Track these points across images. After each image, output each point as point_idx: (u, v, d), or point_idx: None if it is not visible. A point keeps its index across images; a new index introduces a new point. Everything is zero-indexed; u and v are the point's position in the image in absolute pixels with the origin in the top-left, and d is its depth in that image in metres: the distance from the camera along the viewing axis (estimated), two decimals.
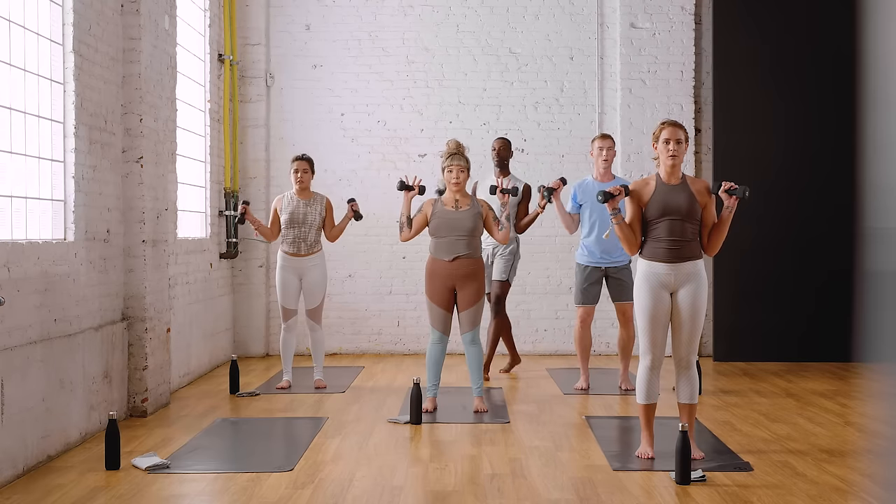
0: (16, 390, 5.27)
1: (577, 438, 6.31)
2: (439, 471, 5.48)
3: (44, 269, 5.72)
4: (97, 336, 6.39)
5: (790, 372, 9.10)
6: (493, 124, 10.45)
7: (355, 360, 10.02)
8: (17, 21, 5.81)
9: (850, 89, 9.18)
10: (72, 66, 6.25)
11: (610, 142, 7.94)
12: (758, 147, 9.86)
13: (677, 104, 10.25)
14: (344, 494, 5.01)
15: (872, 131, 3.10)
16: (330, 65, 10.43)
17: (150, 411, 7.01)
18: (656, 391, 5.65)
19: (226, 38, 9.87)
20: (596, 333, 9.98)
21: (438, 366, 7.14)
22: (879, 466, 5.46)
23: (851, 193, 9.27)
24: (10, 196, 5.70)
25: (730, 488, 5.09)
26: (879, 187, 3.08)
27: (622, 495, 4.99)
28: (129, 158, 7.02)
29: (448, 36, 10.45)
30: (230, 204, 9.85)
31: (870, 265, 3.18)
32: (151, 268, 7.12)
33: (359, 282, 10.31)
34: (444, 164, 7.09)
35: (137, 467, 5.50)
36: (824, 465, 5.55)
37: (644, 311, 5.55)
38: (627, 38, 10.27)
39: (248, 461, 5.70)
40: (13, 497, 4.96)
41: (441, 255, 7.04)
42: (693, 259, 5.55)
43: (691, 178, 5.65)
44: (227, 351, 9.85)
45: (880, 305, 2.98)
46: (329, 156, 10.33)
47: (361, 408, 7.34)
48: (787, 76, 9.88)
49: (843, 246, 9.39)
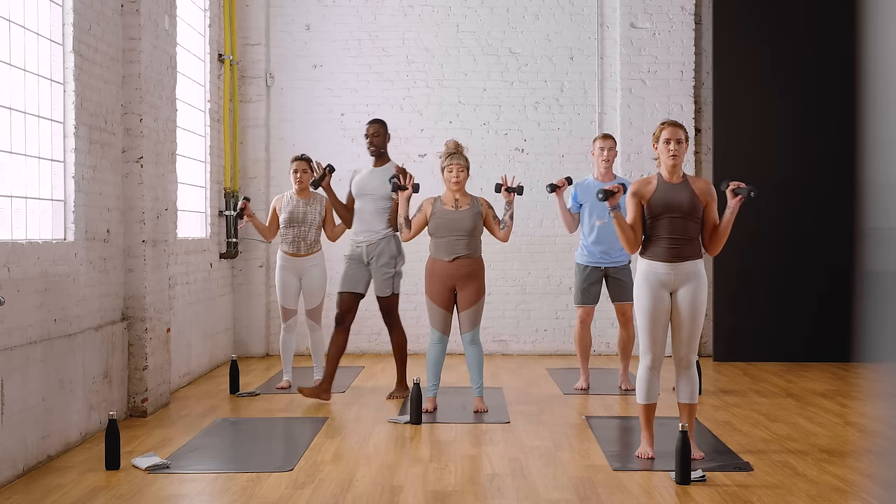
0: (16, 390, 5.27)
1: (577, 438, 6.31)
2: (439, 471, 5.48)
3: (44, 269, 5.72)
4: (97, 336, 6.39)
5: (790, 372, 9.10)
6: (493, 124, 10.45)
7: (355, 360, 10.02)
8: (17, 21, 5.81)
9: (850, 89, 9.18)
10: (72, 66, 6.25)
11: (611, 142, 7.94)
12: (758, 147, 9.86)
13: (677, 104, 10.25)
14: (344, 494, 5.01)
15: (872, 131, 3.10)
16: (330, 65, 10.43)
17: (150, 411, 7.01)
18: (656, 391, 5.65)
19: (226, 38, 9.87)
20: (596, 333, 9.98)
21: (438, 366, 7.14)
22: (879, 466, 5.46)
23: (851, 193, 9.27)
24: (10, 196, 5.70)
25: (730, 488, 5.09)
26: (879, 187, 3.08)
27: (622, 495, 4.99)
28: (129, 158, 7.02)
29: (448, 36, 10.45)
30: (230, 204, 9.85)
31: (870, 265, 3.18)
32: (151, 268, 7.12)
33: None
34: (443, 164, 7.09)
35: (137, 467, 5.50)
36: (824, 465, 5.55)
37: (644, 310, 5.55)
38: (627, 38, 10.27)
39: (248, 461, 5.70)
40: (13, 497, 4.96)
41: (441, 255, 7.04)
42: (693, 258, 5.55)
43: (692, 177, 5.65)
44: (227, 351, 9.85)
45: (880, 305, 2.98)
46: (329, 156, 10.31)
47: (361, 408, 7.34)
48: (787, 76, 9.88)
49: (844, 246, 9.39)
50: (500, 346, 10.43)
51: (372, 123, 7.73)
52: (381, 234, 7.55)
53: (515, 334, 10.45)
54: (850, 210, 9.24)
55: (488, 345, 10.24)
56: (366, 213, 7.58)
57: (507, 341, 10.43)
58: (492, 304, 9.87)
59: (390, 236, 7.58)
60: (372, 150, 7.67)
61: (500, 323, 10.40)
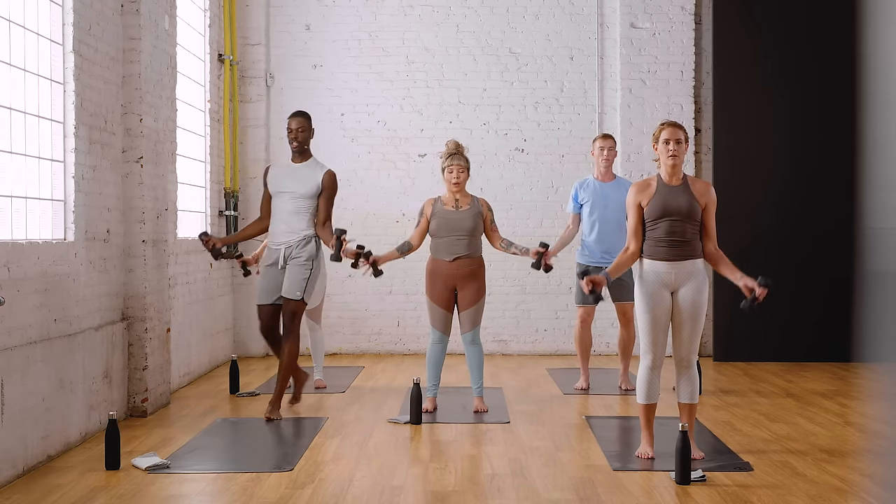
0: (16, 390, 5.27)
1: (577, 438, 6.31)
2: (439, 471, 5.48)
3: (44, 269, 5.72)
4: (97, 336, 6.39)
5: (790, 372, 9.10)
6: (493, 124, 10.45)
7: (355, 360, 10.02)
8: (17, 21, 5.81)
9: (850, 89, 9.18)
10: (72, 66, 6.24)
11: (611, 141, 7.94)
12: (758, 147, 9.87)
13: (677, 104, 10.25)
14: (344, 494, 5.01)
15: (872, 131, 3.10)
16: (330, 65, 10.43)
17: (150, 411, 7.01)
18: (657, 391, 5.65)
19: (226, 38, 9.87)
20: (596, 333, 9.97)
21: (439, 366, 7.14)
22: (879, 466, 5.46)
23: (851, 193, 9.26)
24: (10, 196, 5.69)
25: (730, 488, 5.09)
26: (879, 187, 3.08)
27: (622, 495, 4.99)
28: (129, 158, 7.02)
29: (448, 36, 10.45)
30: (230, 204, 9.85)
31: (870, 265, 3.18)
32: (151, 268, 7.12)
33: (359, 282, 10.29)
34: (443, 165, 7.09)
35: (137, 467, 5.50)
36: (824, 465, 5.55)
37: (645, 310, 5.55)
38: (627, 38, 10.27)
39: (248, 461, 5.70)
40: (13, 497, 4.96)
41: (441, 256, 7.05)
42: (693, 258, 5.56)
43: (692, 178, 5.65)
44: (227, 351, 9.85)
45: (880, 305, 2.98)
46: (329, 156, 10.32)
47: (361, 408, 7.34)
48: (787, 76, 9.88)
49: (844, 246, 9.39)
50: (500, 346, 10.43)
51: (296, 117, 6.99)
52: (301, 234, 6.87)
53: (515, 334, 10.45)
54: (850, 210, 9.24)
55: (488, 345, 10.24)
56: (284, 212, 6.89)
57: (507, 341, 10.43)
58: (492, 304, 9.87)
59: (312, 237, 6.89)
60: (295, 147, 6.97)
61: (500, 323, 10.40)
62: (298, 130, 6.96)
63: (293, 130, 6.96)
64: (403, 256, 7.21)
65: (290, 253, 6.85)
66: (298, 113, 7.03)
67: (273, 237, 6.97)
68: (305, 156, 7.02)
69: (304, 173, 6.94)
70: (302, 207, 6.89)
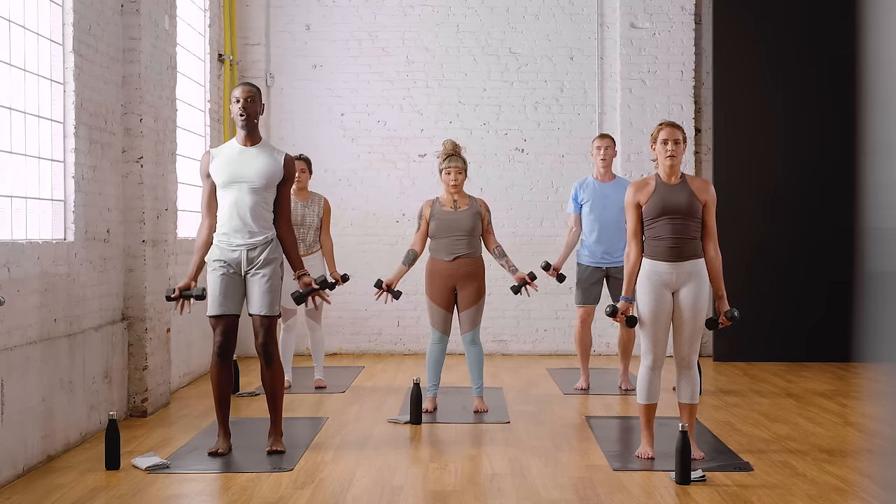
0: (16, 390, 5.27)
1: (577, 438, 6.31)
2: (439, 471, 5.48)
3: (44, 269, 5.72)
4: (97, 336, 6.39)
5: (790, 372, 9.10)
6: (493, 124, 10.45)
7: (355, 360, 10.02)
8: (17, 21, 5.81)
9: (850, 89, 9.19)
10: (72, 66, 6.24)
11: (609, 141, 7.94)
12: (758, 147, 9.86)
13: (677, 104, 10.25)
14: (344, 494, 5.01)
15: (872, 131, 3.10)
16: (330, 65, 10.43)
17: (150, 411, 7.01)
18: (657, 391, 5.65)
19: (226, 38, 9.87)
20: (596, 333, 9.97)
21: (439, 366, 7.14)
22: (879, 466, 5.46)
23: (852, 193, 9.27)
24: (10, 196, 5.69)
25: (730, 488, 5.09)
26: (879, 187, 3.08)
27: (622, 495, 4.99)
28: (129, 158, 7.02)
29: (448, 36, 10.45)
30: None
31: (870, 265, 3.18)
32: (151, 268, 7.12)
33: (359, 282, 10.29)
34: (441, 166, 7.08)
35: (137, 467, 5.50)
36: (824, 465, 5.55)
37: (646, 310, 5.55)
38: (627, 38, 10.27)
39: (248, 461, 5.70)
40: (13, 497, 4.95)
41: (441, 256, 7.04)
42: (694, 257, 5.55)
43: (691, 176, 5.65)
44: None
45: (880, 305, 2.98)
46: (329, 156, 10.33)
47: (361, 408, 7.34)
48: (787, 76, 9.88)
49: (844, 245, 9.39)
50: (500, 346, 10.43)
51: (243, 85, 5.86)
52: (264, 235, 5.78)
53: (515, 334, 10.44)
54: (850, 210, 9.23)
55: (488, 345, 10.24)
56: (242, 206, 5.73)
57: (507, 341, 10.43)
58: (492, 304, 9.86)
59: (274, 237, 5.85)
60: (244, 121, 5.76)
61: (500, 323, 10.39)
62: (248, 101, 5.77)
63: (241, 100, 5.77)
64: (411, 268, 7.19)
65: (253, 257, 5.76)
66: (246, 83, 5.90)
67: (226, 236, 5.77)
68: (256, 137, 5.85)
69: (259, 159, 5.79)
70: (263, 200, 5.77)
